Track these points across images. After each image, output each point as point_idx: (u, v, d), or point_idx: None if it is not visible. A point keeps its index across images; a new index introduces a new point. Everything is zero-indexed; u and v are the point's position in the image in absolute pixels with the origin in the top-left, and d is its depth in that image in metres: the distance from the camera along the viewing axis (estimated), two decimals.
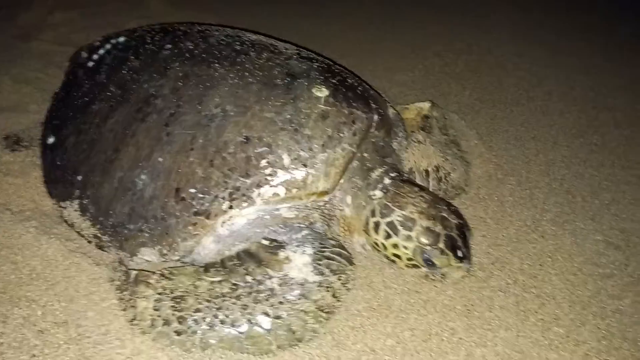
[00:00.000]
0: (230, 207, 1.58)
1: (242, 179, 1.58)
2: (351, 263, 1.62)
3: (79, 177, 1.84)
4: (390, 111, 1.97)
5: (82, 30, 3.48)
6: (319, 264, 1.55)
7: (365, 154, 1.71)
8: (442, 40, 3.75)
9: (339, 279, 1.54)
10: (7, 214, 1.89)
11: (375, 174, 1.70)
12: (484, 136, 2.61)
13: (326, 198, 1.66)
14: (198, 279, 1.54)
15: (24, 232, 1.79)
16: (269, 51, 1.85)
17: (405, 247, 1.63)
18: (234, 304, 1.46)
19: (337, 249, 1.60)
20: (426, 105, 2.30)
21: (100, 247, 1.74)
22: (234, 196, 1.58)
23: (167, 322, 1.46)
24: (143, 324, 1.47)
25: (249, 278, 1.53)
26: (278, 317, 1.45)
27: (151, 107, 1.78)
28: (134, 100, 1.84)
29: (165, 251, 1.63)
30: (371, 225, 1.67)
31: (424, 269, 1.68)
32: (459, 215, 1.70)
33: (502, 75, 3.34)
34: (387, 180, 1.69)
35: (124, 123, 1.81)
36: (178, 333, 1.45)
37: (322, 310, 1.49)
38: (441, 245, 1.59)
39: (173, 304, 1.49)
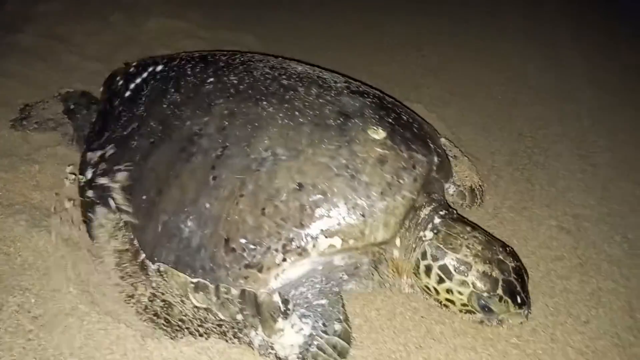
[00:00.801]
0: (284, 260, 1.48)
1: (296, 229, 1.48)
2: (345, 355, 1.50)
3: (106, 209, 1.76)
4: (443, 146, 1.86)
5: (66, 23, 3.46)
6: (306, 352, 1.46)
7: (422, 198, 1.61)
8: (423, 34, 3.89)
9: None
10: None
11: (423, 213, 1.60)
12: (452, 127, 2.73)
13: (384, 247, 1.56)
14: (185, 297, 1.54)
15: (14, 225, 1.87)
16: (318, 86, 1.75)
17: (460, 293, 1.53)
18: (213, 330, 1.53)
19: (335, 339, 1.48)
20: None
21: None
22: (287, 248, 1.48)
23: (156, 315, 1.54)
24: (138, 306, 1.57)
25: (239, 317, 1.50)
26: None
27: (195, 147, 1.69)
28: (176, 138, 1.75)
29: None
30: (422, 268, 1.57)
31: (479, 315, 1.57)
32: (515, 256, 1.60)
33: (476, 69, 3.45)
34: (437, 220, 1.60)
35: (166, 162, 1.72)
36: (164, 327, 1.53)
37: None
38: (499, 291, 1.49)
39: (162, 305, 1.56)
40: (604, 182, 2.49)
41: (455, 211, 1.73)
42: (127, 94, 2.13)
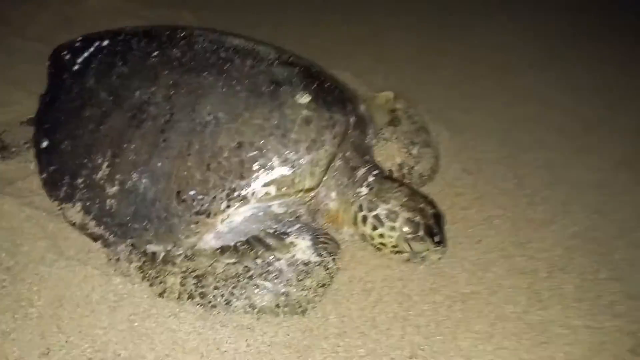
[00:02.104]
0: (228, 207, 1.77)
1: (237, 180, 1.77)
2: (339, 247, 1.87)
3: (79, 181, 1.97)
4: (363, 109, 2.18)
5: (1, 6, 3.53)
6: (318, 247, 1.80)
7: (348, 154, 1.93)
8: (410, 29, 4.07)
9: (333, 260, 1.80)
10: None
11: (360, 173, 1.93)
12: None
13: (312, 194, 1.87)
14: (215, 261, 1.78)
15: None
16: (252, 58, 2.00)
17: (390, 236, 1.88)
18: (247, 283, 1.73)
19: (329, 236, 1.87)
20: (390, 94, 2.53)
21: (107, 245, 1.91)
22: (230, 196, 1.77)
23: (191, 296, 1.73)
24: (172, 296, 1.74)
25: (259, 261, 1.77)
26: (286, 294, 1.72)
27: (145, 114, 1.92)
28: (127, 107, 1.97)
29: (169, 247, 1.82)
30: (359, 218, 1.91)
31: (406, 255, 1.93)
32: (434, 205, 1.95)
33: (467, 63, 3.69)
34: (370, 178, 1.93)
35: (119, 129, 1.94)
36: (202, 302, 1.74)
37: (320, 286, 1.76)
38: (421, 233, 1.85)
39: (195, 282, 1.74)
40: (504, 131, 2.94)
41: (385, 171, 2.07)
42: (76, 67, 2.28)
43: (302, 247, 1.79)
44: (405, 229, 1.85)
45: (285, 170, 1.78)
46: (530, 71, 3.60)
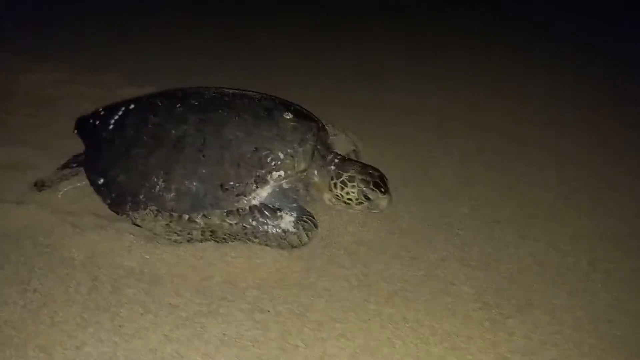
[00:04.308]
0: (256, 188, 2.75)
1: (259, 170, 2.77)
2: (316, 226, 2.82)
3: (141, 197, 2.83)
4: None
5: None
6: (298, 223, 2.76)
7: (319, 147, 3.01)
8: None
9: (306, 234, 2.75)
10: None
11: (329, 157, 3.00)
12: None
13: (305, 173, 2.91)
14: (223, 221, 2.71)
15: None
16: (246, 98, 3.06)
17: (353, 192, 2.91)
18: (243, 236, 2.69)
19: (312, 217, 2.82)
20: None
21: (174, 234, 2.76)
22: (257, 181, 2.76)
23: (207, 240, 2.67)
24: (197, 240, 2.67)
25: (254, 222, 2.72)
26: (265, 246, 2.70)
27: (184, 143, 2.86)
28: (167, 143, 2.90)
29: None
30: (332, 185, 2.95)
31: (365, 204, 2.99)
32: (378, 171, 3.04)
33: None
34: (336, 160, 3.00)
35: (165, 157, 2.86)
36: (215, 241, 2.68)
37: (291, 246, 2.73)
38: (372, 186, 2.92)
39: (210, 233, 2.69)
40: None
41: (344, 156, 3.13)
42: (111, 126, 3.16)
43: (287, 220, 2.75)
44: (361, 185, 2.90)
45: (288, 160, 2.81)
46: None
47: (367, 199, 2.90)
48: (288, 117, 2.94)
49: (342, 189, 2.91)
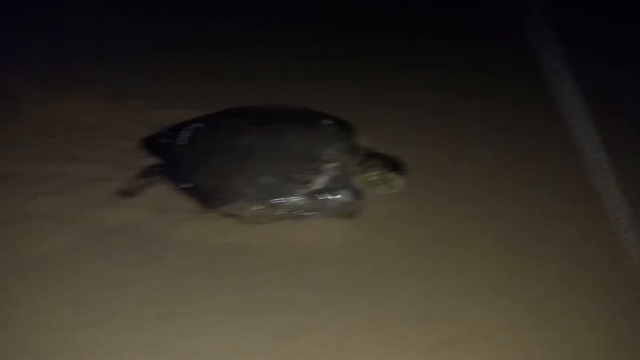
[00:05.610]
0: (316, 176, 3.72)
1: (316, 163, 3.72)
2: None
3: (228, 192, 3.71)
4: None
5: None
6: (351, 195, 3.79)
7: (353, 144, 4.01)
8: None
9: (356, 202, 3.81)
10: None
11: (359, 151, 4.01)
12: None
13: (345, 163, 3.91)
14: (295, 202, 3.69)
15: None
16: (292, 112, 4.01)
17: (377, 175, 3.91)
18: (314, 211, 3.70)
19: (358, 191, 3.84)
20: None
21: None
22: (316, 170, 3.72)
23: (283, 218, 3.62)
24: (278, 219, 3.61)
25: (319, 199, 3.71)
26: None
27: (253, 149, 3.77)
28: (238, 149, 3.78)
29: None
30: (362, 170, 3.97)
31: (388, 184, 4.02)
32: (398, 158, 4.07)
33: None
34: (364, 153, 4.02)
35: (239, 161, 3.75)
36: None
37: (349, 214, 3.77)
38: (392, 169, 3.97)
39: (286, 213, 3.62)
40: None
41: (369, 151, 4.12)
42: (184, 142, 4.00)
43: (344, 194, 3.74)
44: (382, 170, 3.94)
45: (334, 153, 3.80)
46: None
47: (388, 180, 3.94)
48: (328, 123, 3.93)
49: (369, 173, 3.94)
